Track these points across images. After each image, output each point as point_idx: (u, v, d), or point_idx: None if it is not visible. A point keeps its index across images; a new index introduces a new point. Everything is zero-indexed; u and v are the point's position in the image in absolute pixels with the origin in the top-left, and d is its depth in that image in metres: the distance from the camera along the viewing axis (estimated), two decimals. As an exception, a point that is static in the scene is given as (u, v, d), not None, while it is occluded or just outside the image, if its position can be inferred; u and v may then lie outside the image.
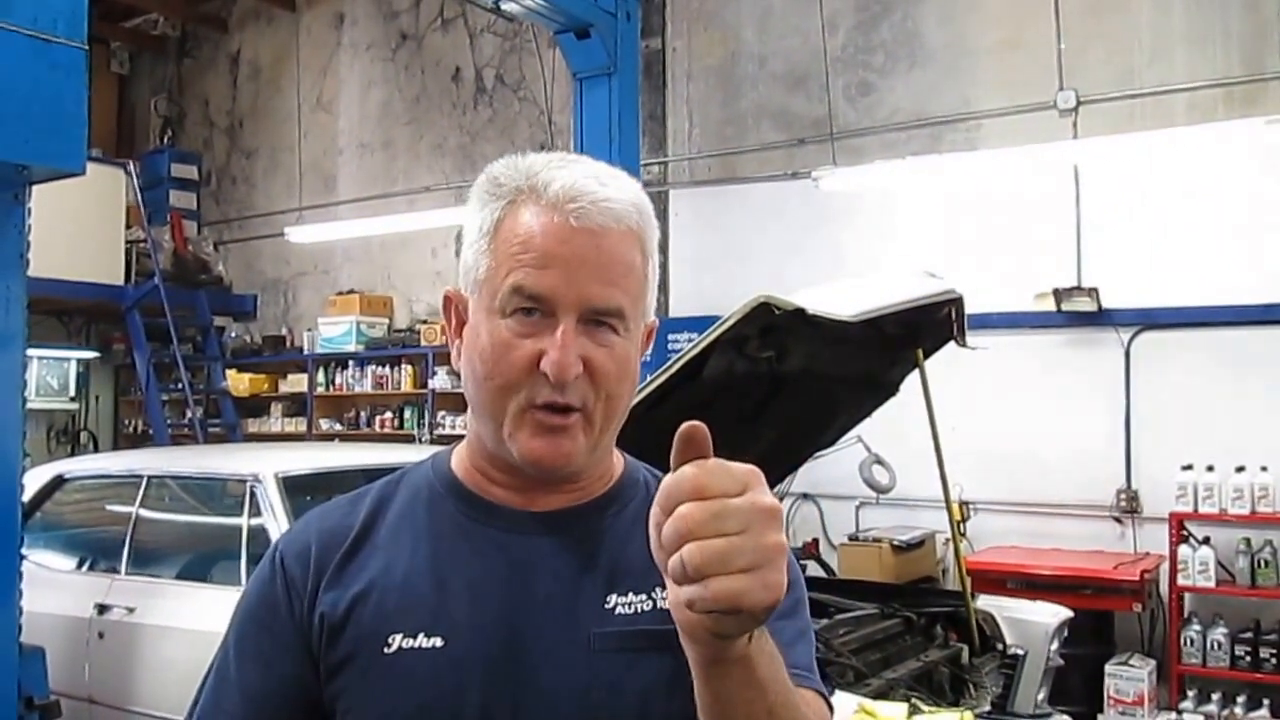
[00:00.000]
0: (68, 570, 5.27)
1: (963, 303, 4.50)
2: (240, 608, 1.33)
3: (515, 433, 1.22)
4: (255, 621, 1.30)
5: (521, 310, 1.20)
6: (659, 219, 1.31)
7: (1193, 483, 6.45)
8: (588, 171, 1.23)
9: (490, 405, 1.23)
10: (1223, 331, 6.72)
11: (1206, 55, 6.84)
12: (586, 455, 1.25)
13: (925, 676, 4.34)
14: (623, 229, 1.22)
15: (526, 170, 1.23)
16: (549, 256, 1.19)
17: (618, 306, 1.21)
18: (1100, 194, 7.09)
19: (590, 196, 1.20)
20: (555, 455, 1.22)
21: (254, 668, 1.28)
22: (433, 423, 9.69)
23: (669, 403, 3.69)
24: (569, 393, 1.20)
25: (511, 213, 1.22)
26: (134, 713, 4.57)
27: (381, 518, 1.32)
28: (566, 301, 1.19)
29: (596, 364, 1.21)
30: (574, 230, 1.19)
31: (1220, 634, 6.30)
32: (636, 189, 1.26)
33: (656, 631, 1.22)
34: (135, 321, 10.17)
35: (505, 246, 1.21)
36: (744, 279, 7.30)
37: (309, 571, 1.28)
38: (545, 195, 1.21)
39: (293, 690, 1.26)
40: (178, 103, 12.72)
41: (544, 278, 1.19)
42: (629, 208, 1.23)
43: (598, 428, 1.24)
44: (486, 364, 1.22)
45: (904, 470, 5.77)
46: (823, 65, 7.99)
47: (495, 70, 10.12)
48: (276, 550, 1.33)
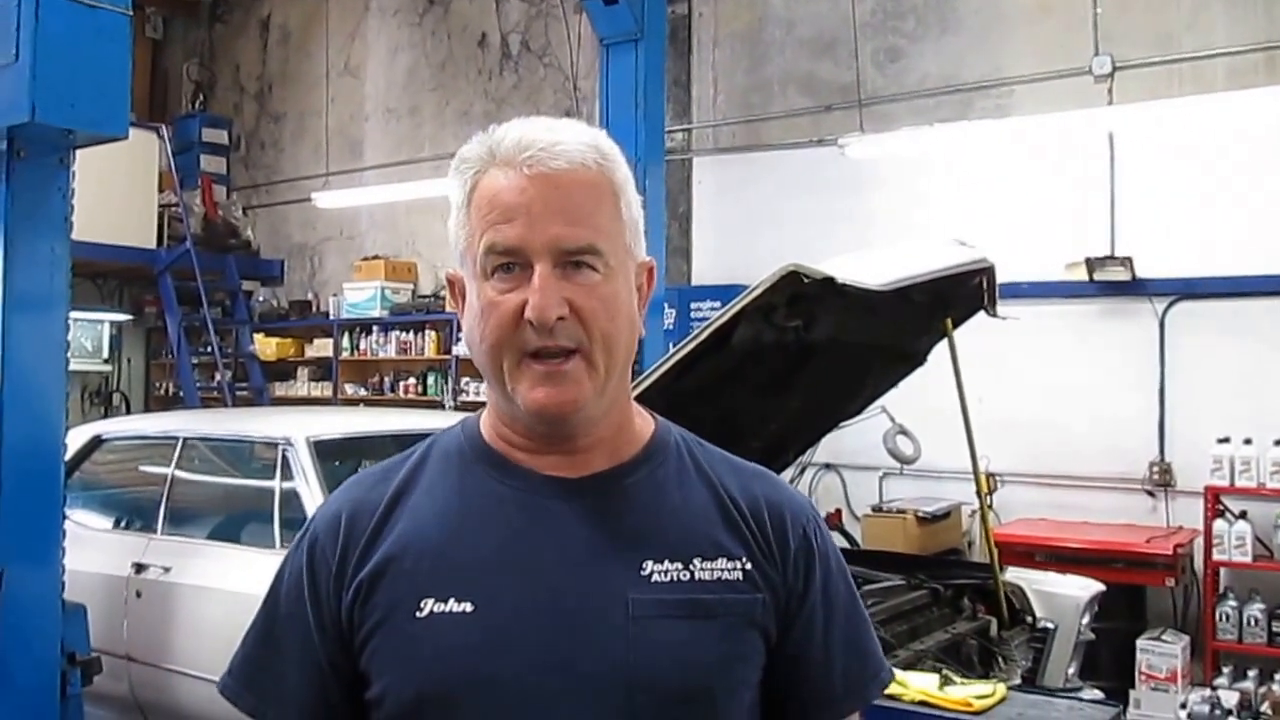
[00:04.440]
0: (105, 529, 5.33)
1: (994, 272, 4.45)
2: (281, 577, 1.35)
3: (517, 386, 1.24)
4: (293, 599, 1.32)
5: (501, 269, 1.23)
6: (682, 186, 1.32)
7: (1229, 456, 6.34)
8: (540, 125, 1.27)
9: (491, 367, 1.26)
10: (1262, 301, 6.60)
11: (1247, 18, 6.68)
12: (595, 400, 1.26)
13: (953, 648, 4.32)
14: (580, 169, 1.24)
15: (487, 140, 1.27)
16: (511, 209, 1.23)
17: (588, 243, 1.23)
18: (1136, 162, 6.97)
19: (540, 144, 1.24)
20: (560, 402, 1.23)
21: (297, 645, 1.31)
22: (456, 389, 9.74)
23: (696, 371, 3.70)
24: (558, 335, 1.22)
25: (478, 182, 1.26)
26: (171, 670, 4.63)
27: (415, 483, 1.33)
28: (535, 247, 1.22)
29: (580, 304, 1.22)
30: (529, 179, 1.23)
31: (1257, 610, 6.23)
32: (595, 133, 1.29)
33: (696, 601, 1.24)
34: (167, 285, 10.25)
35: (477, 213, 1.25)
36: (768, 248, 7.27)
37: (339, 543, 1.30)
38: (500, 155, 1.25)
39: (329, 669, 1.28)
40: (209, 67, 12.75)
41: (510, 230, 1.22)
42: (583, 147, 1.25)
43: (601, 369, 1.25)
44: (480, 327, 1.25)
45: (928, 441, 5.72)
46: (851, 30, 7.89)
47: (521, 36, 10.07)
48: (311, 522, 1.36)
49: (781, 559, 1.31)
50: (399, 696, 1.22)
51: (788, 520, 1.33)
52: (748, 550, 1.29)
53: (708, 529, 1.29)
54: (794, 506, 1.36)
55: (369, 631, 1.25)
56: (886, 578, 4.59)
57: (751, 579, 1.28)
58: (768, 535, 1.31)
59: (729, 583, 1.26)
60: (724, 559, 1.27)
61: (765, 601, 1.28)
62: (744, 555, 1.28)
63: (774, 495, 1.35)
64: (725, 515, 1.30)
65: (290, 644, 1.31)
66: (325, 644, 1.28)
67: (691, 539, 1.28)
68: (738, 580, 1.27)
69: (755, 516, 1.31)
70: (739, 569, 1.27)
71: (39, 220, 3.73)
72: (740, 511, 1.31)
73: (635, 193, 1.31)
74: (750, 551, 1.29)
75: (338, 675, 1.28)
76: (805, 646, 1.32)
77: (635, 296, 1.31)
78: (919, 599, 4.53)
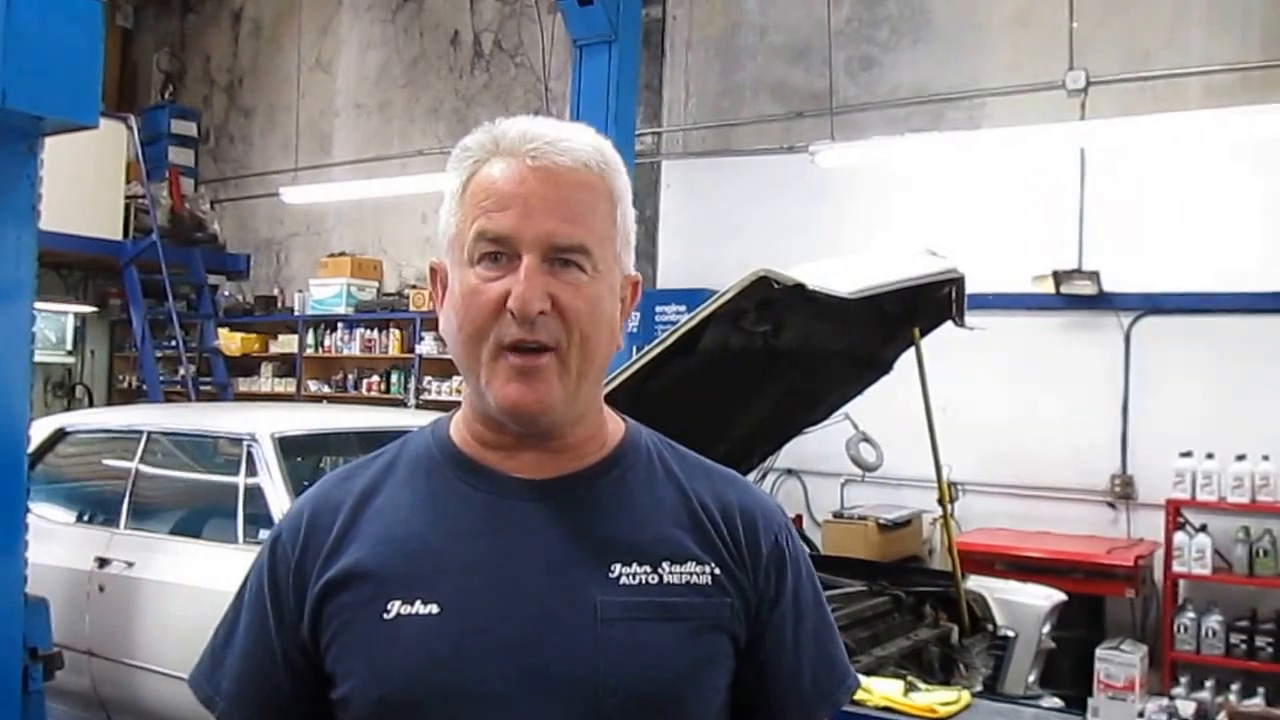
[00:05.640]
0: (68, 523, 5.28)
1: (964, 282, 4.48)
2: (249, 573, 1.36)
3: (491, 381, 1.23)
4: (254, 591, 1.33)
5: (488, 256, 1.22)
6: (650, 190, 1.32)
7: (1191, 470, 6.43)
8: (547, 122, 1.27)
9: (467, 356, 1.24)
10: (1227, 319, 6.68)
11: (1225, 38, 6.73)
12: (565, 403, 1.24)
13: (915, 655, 4.36)
14: (582, 169, 1.24)
15: (491, 131, 1.27)
16: (508, 197, 1.22)
17: (580, 243, 1.22)
18: (1106, 176, 7.03)
19: (546, 138, 1.23)
20: (530, 400, 1.22)
21: (249, 634, 1.32)
22: (419, 388, 9.73)
23: (663, 374, 3.70)
24: (538, 330, 1.20)
25: (477, 170, 1.25)
26: (134, 666, 4.59)
27: (383, 484, 1.32)
28: (527, 238, 1.21)
29: (565, 302, 1.21)
30: (530, 170, 1.22)
31: (1215, 621, 6.32)
32: (600, 139, 1.29)
33: (664, 603, 1.24)
34: (132, 277, 10.11)
35: (472, 199, 1.24)
36: (736, 253, 7.28)
37: (299, 539, 1.29)
38: (504, 144, 1.24)
39: (281, 661, 1.29)
40: (179, 58, 12.65)
41: (504, 218, 1.21)
42: (588, 149, 1.25)
43: (574, 371, 1.24)
44: (459, 314, 1.24)
45: (890, 449, 5.73)
46: (825, 38, 7.90)
47: (494, 35, 10.06)
48: (278, 524, 1.36)
49: (753, 565, 1.30)
50: (365, 697, 1.21)
51: (760, 526, 1.33)
52: (717, 555, 1.28)
53: (677, 532, 1.28)
54: (766, 512, 1.35)
55: (335, 632, 1.24)
56: (848, 584, 4.62)
57: (720, 583, 1.27)
58: (739, 540, 1.30)
59: (697, 587, 1.26)
60: (693, 563, 1.26)
61: (734, 606, 1.27)
62: (713, 560, 1.28)
63: (746, 501, 1.35)
64: (694, 519, 1.30)
65: (247, 638, 1.31)
66: (281, 639, 1.28)
67: (660, 542, 1.27)
68: (706, 585, 1.26)
69: (727, 521, 1.31)
70: (708, 573, 1.27)
71: (6, 208, 3.69)
72: (711, 516, 1.31)
73: (631, 206, 1.31)
74: (719, 556, 1.28)
75: (292, 671, 1.28)
76: (776, 653, 1.31)
77: (618, 307, 1.30)
78: (881, 605, 4.55)
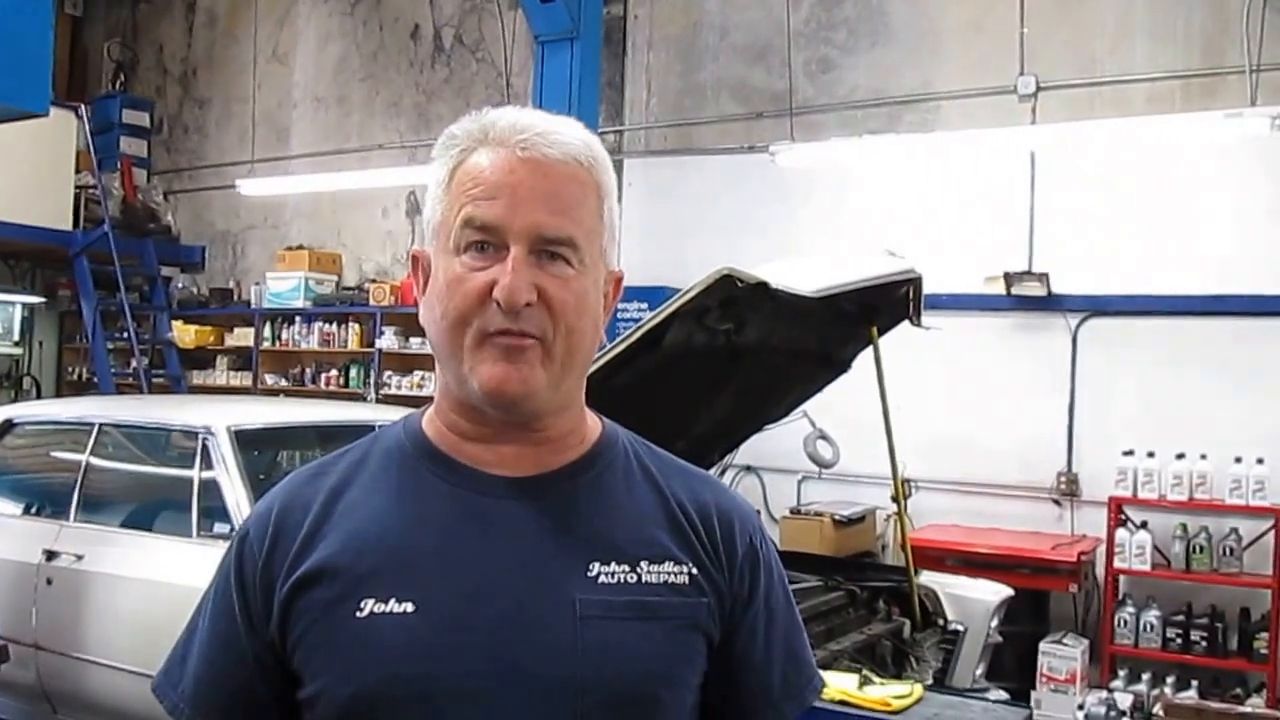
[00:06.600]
0: (15, 515, 5.21)
1: (921, 283, 4.55)
2: (215, 574, 1.33)
3: (475, 365, 1.21)
4: (220, 592, 1.30)
5: (474, 245, 1.21)
6: (611, 188, 1.34)
7: (1133, 468, 6.60)
8: (537, 114, 1.26)
9: (448, 343, 1.23)
10: (1168, 321, 6.85)
11: (1167, 47, 6.92)
12: (548, 390, 1.23)
13: (868, 649, 4.41)
14: (572, 162, 1.24)
15: (480, 119, 1.26)
16: (496, 187, 1.21)
17: (568, 235, 1.22)
18: (1055, 180, 7.17)
19: (537, 129, 1.23)
20: (515, 380, 1.20)
21: (214, 634, 1.30)
22: (379, 382, 9.67)
23: (626, 371, 3.72)
24: (523, 320, 1.20)
25: (464, 159, 1.24)
26: (82, 659, 4.53)
27: (354, 480, 1.30)
28: (515, 229, 1.20)
29: (551, 294, 1.21)
30: (520, 160, 1.22)
31: (1153, 616, 6.47)
32: (589, 133, 1.28)
33: (642, 602, 1.24)
34: (83, 268, 10.00)
35: (459, 187, 1.23)
36: (696, 251, 7.32)
37: (267, 537, 1.27)
38: (494, 133, 1.24)
39: (252, 662, 1.26)
40: (131, 48, 12.45)
41: (492, 207, 1.20)
42: (577, 143, 1.25)
43: (559, 362, 1.23)
44: (443, 301, 1.23)
45: (846, 447, 5.81)
46: (785, 39, 7.98)
47: (454, 30, 10.02)
48: (245, 522, 1.34)
49: (728, 565, 1.31)
50: (334, 697, 1.19)
51: (736, 528, 1.34)
52: (694, 555, 1.29)
53: (654, 532, 1.28)
54: (742, 514, 1.37)
55: (304, 630, 1.22)
56: (804, 579, 4.66)
57: (698, 583, 1.28)
58: (715, 541, 1.31)
59: (675, 586, 1.26)
60: (670, 562, 1.27)
61: (710, 606, 1.28)
62: (690, 560, 1.28)
63: (723, 502, 1.36)
64: (672, 519, 1.30)
65: (212, 640, 1.29)
66: (250, 639, 1.26)
67: (638, 541, 1.27)
68: (684, 584, 1.27)
69: (704, 522, 1.32)
70: (685, 573, 1.27)
71: (-47, 196, 3.66)
72: (688, 516, 1.31)
73: (616, 203, 1.31)
74: (697, 556, 1.29)
75: (262, 672, 1.25)
76: (748, 652, 1.33)
77: (602, 302, 1.30)
78: (836, 600, 4.61)
